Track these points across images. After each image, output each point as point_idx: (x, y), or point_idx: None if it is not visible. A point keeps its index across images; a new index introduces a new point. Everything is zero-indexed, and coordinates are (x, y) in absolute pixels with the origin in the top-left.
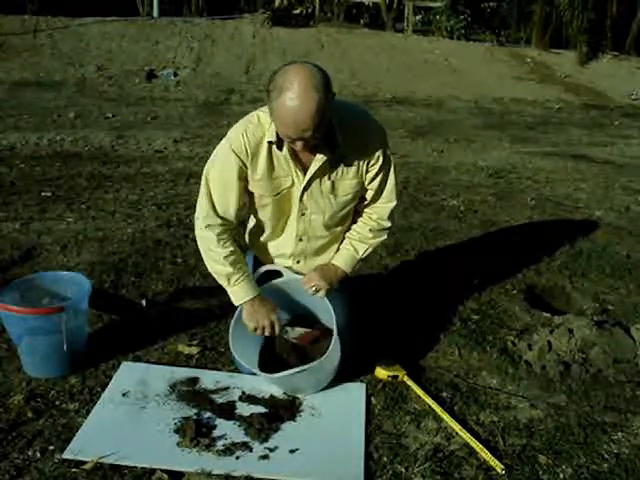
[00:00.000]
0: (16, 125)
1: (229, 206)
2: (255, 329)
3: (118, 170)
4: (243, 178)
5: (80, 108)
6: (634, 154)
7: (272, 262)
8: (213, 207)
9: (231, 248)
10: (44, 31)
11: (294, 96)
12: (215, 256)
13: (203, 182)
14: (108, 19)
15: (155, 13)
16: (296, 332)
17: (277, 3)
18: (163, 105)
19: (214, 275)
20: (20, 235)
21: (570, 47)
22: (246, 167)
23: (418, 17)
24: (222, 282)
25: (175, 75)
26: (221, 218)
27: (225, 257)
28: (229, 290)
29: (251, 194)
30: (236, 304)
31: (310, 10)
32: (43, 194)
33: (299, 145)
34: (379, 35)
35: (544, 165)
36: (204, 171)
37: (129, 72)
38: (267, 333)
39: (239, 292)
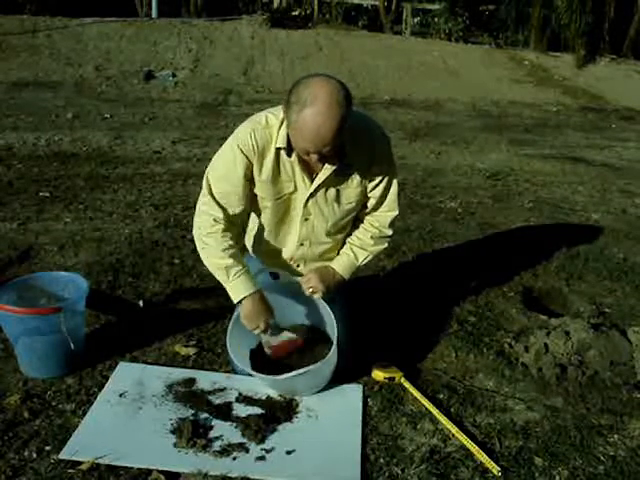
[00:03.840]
0: (14, 125)
1: (232, 204)
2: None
3: (116, 171)
4: (249, 177)
5: (78, 108)
6: (631, 157)
7: (271, 265)
8: (216, 204)
9: (230, 242)
10: (43, 31)
11: (317, 112)
12: (212, 249)
13: (205, 179)
14: (107, 19)
15: (154, 14)
16: (279, 339)
17: (276, 4)
18: (161, 106)
19: (212, 271)
20: (17, 235)
21: (568, 50)
22: (252, 167)
23: (416, 19)
24: (221, 277)
25: (173, 76)
26: (224, 217)
27: (224, 250)
28: (229, 286)
29: (255, 196)
30: (236, 301)
31: (309, 12)
32: (41, 194)
33: (314, 158)
34: (377, 37)
35: (542, 168)
36: (207, 168)
37: (127, 73)
38: (261, 333)
39: (239, 287)
